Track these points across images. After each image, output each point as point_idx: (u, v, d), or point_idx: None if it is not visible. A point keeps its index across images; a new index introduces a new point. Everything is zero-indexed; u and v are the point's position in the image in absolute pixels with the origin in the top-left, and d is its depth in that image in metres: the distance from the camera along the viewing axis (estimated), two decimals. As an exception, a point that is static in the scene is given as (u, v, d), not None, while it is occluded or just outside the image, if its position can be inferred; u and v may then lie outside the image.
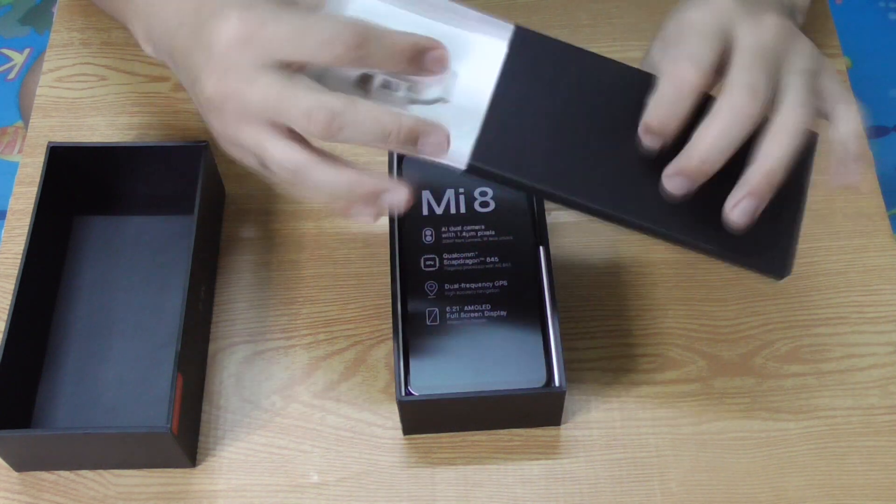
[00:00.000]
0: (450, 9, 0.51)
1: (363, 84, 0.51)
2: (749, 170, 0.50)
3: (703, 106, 0.50)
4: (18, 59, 1.69)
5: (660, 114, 0.50)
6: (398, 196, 0.51)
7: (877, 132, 1.58)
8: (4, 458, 0.60)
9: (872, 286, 0.66)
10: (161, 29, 0.54)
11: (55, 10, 0.80)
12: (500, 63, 0.51)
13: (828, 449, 0.61)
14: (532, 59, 0.51)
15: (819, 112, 0.53)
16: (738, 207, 0.50)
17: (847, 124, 0.53)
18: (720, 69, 0.51)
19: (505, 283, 0.62)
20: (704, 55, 0.50)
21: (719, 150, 0.49)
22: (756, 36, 0.51)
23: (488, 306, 0.61)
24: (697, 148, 0.49)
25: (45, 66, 0.77)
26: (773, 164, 0.49)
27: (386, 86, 0.51)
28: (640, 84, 0.52)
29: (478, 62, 0.51)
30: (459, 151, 0.49)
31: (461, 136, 0.49)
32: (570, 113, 0.51)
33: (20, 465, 0.60)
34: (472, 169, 0.50)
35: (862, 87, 1.60)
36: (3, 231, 0.69)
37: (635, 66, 0.75)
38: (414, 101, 0.51)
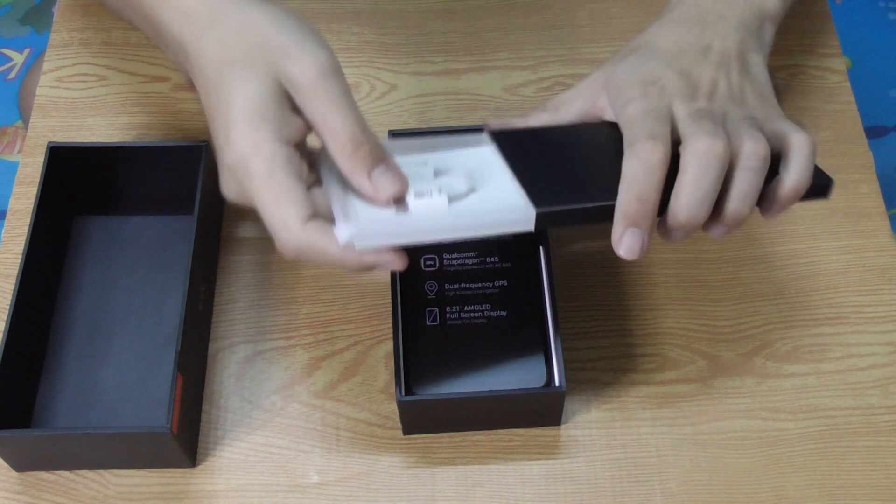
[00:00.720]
0: (433, 143, 0.58)
1: (399, 201, 0.53)
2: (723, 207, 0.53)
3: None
4: (18, 59, 1.69)
5: (635, 191, 0.51)
6: (391, 267, 0.52)
7: (877, 132, 1.58)
8: (4, 458, 0.60)
9: (872, 286, 0.66)
10: (195, 79, 0.55)
11: (55, 10, 0.80)
12: (496, 152, 0.57)
13: (828, 449, 0.61)
14: (514, 141, 0.57)
15: (773, 147, 0.54)
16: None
17: (796, 167, 0.54)
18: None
19: (505, 283, 0.62)
20: (662, 129, 0.52)
21: (698, 201, 0.51)
22: (691, 107, 0.54)
23: (488, 306, 0.61)
24: (679, 204, 0.51)
25: (45, 66, 0.77)
26: (740, 206, 0.52)
27: (420, 195, 0.53)
28: (597, 128, 0.57)
29: (477, 160, 0.57)
30: (520, 215, 0.52)
31: (508, 208, 0.53)
32: (567, 159, 0.56)
33: (20, 465, 0.60)
34: (540, 217, 0.52)
35: (862, 87, 1.60)
36: (3, 231, 0.69)
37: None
38: (452, 199, 0.53)
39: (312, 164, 0.54)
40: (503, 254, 0.63)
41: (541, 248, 0.62)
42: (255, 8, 0.54)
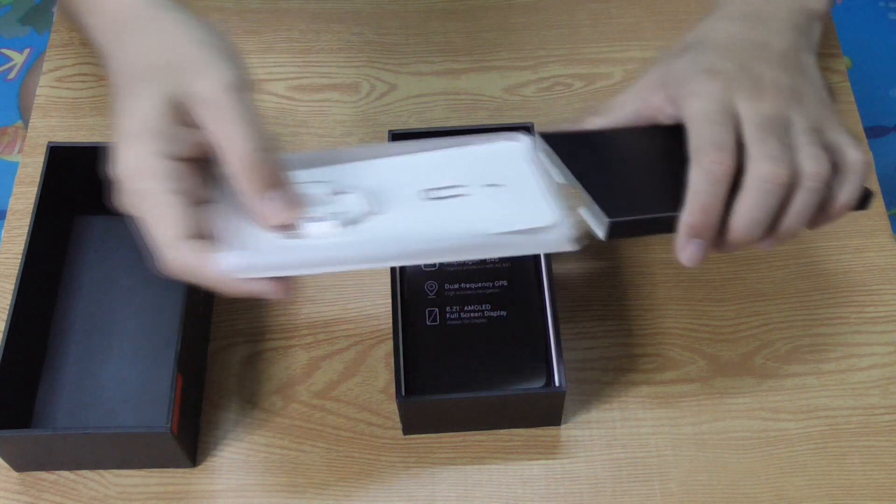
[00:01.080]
0: (343, 156, 0.57)
1: (290, 227, 0.52)
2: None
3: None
4: (18, 59, 1.69)
5: (700, 203, 0.51)
6: (272, 297, 0.51)
7: (877, 132, 1.58)
8: (4, 458, 0.60)
9: (872, 286, 0.66)
10: (111, 86, 0.55)
11: (55, 10, 0.80)
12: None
13: (828, 449, 0.61)
14: (570, 145, 0.56)
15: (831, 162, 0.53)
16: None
17: (849, 186, 0.53)
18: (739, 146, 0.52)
19: (505, 283, 0.62)
20: (728, 137, 0.51)
21: (756, 223, 0.51)
22: (757, 109, 0.52)
23: (488, 306, 0.61)
24: (737, 223, 0.51)
25: (45, 66, 0.77)
26: (796, 224, 0.52)
27: (312, 220, 0.52)
28: (654, 131, 0.56)
29: (396, 173, 0.56)
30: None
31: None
32: (626, 165, 0.55)
33: (20, 465, 0.60)
34: (612, 227, 0.51)
35: (862, 87, 1.60)
36: (3, 231, 0.69)
37: (633, 65, 0.76)
38: (348, 223, 0.52)
39: (213, 181, 0.53)
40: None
41: (541, 248, 0.62)
42: (174, 20, 0.53)
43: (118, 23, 0.54)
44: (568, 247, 0.52)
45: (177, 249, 0.49)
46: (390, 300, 0.62)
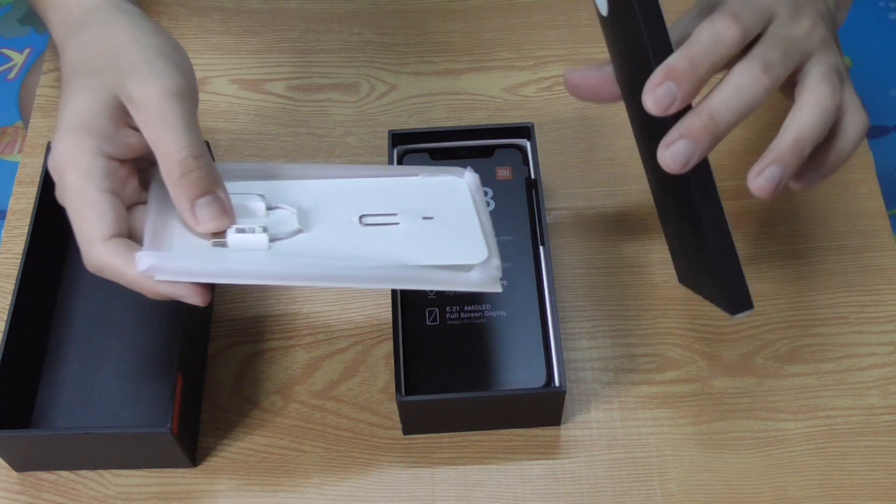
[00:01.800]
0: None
1: (219, 234, 0.53)
2: (776, 140, 0.51)
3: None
4: (18, 59, 1.69)
5: (692, 51, 0.50)
6: (189, 301, 0.51)
7: (877, 132, 1.58)
8: (4, 458, 0.60)
9: (872, 286, 0.66)
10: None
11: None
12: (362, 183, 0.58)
13: (828, 449, 0.61)
14: None
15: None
16: (764, 175, 0.51)
17: (848, 139, 0.53)
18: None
19: (505, 282, 0.62)
20: (750, 20, 0.51)
21: (730, 108, 0.50)
22: (787, 28, 0.52)
23: (488, 306, 0.61)
24: (707, 101, 0.50)
25: (46, 66, 0.77)
26: (801, 134, 0.51)
27: (241, 231, 0.52)
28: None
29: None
30: (390, 271, 0.52)
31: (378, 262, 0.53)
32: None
33: (20, 465, 0.60)
34: None
35: (862, 87, 1.60)
36: (3, 231, 0.69)
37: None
38: (274, 239, 0.53)
39: (151, 183, 0.53)
40: (503, 254, 0.62)
41: (541, 248, 0.62)
42: (123, 20, 0.53)
43: (74, 18, 0.55)
44: (491, 288, 0.53)
45: (97, 247, 0.50)
46: (390, 300, 0.62)
